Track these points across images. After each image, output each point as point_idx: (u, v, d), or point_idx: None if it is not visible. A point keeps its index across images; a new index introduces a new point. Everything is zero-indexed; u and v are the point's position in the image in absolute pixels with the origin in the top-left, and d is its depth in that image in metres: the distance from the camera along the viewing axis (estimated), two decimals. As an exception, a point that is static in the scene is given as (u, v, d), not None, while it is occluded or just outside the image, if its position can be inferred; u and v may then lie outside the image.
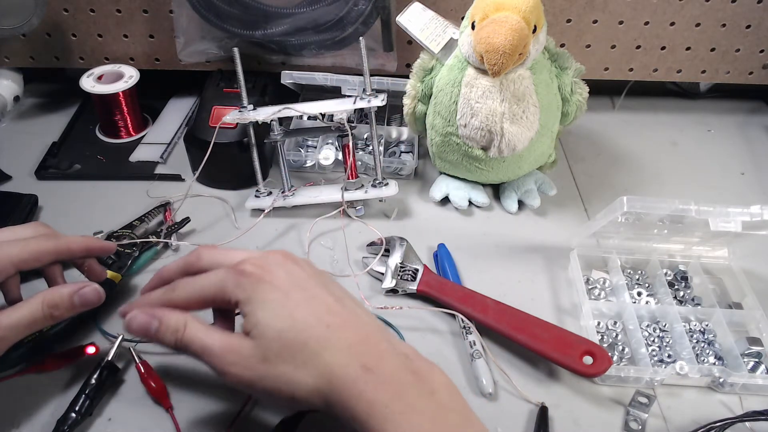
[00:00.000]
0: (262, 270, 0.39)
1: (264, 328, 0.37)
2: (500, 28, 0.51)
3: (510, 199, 0.66)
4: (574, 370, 0.48)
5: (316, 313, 0.38)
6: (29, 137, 0.75)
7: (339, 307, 0.39)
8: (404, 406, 0.35)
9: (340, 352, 0.36)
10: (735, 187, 0.73)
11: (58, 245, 0.45)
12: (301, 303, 0.38)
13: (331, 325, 0.37)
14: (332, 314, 0.38)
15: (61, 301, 0.43)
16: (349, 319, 0.38)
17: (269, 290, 0.38)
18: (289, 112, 0.61)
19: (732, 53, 0.77)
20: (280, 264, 0.40)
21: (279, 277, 0.39)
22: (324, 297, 0.39)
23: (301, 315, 0.37)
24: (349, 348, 0.36)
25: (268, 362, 0.37)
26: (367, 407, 0.35)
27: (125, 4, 0.72)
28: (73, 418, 0.44)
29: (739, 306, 0.57)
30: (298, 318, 0.37)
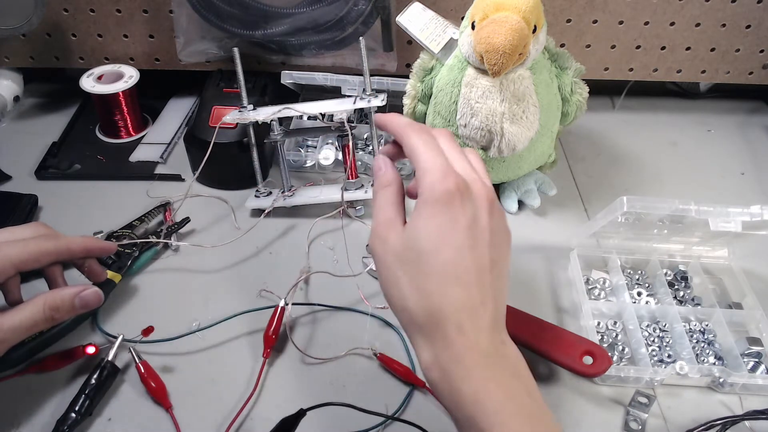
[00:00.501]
0: (462, 195, 0.39)
1: (415, 238, 0.39)
2: (500, 28, 0.51)
3: (510, 199, 0.66)
4: (574, 370, 0.48)
5: (457, 263, 0.38)
6: (29, 137, 0.75)
7: (484, 269, 0.40)
8: (486, 376, 0.37)
9: (450, 305, 0.38)
10: (735, 187, 0.73)
11: (58, 246, 0.45)
12: (453, 247, 0.39)
13: (460, 280, 0.38)
14: (470, 273, 0.39)
15: (62, 304, 0.44)
16: (479, 284, 0.39)
17: (447, 212, 0.39)
18: (289, 112, 0.61)
19: (732, 53, 0.77)
20: (479, 204, 0.40)
21: (464, 213, 0.39)
22: (480, 255, 0.40)
23: (445, 256, 0.38)
24: (461, 307, 0.38)
25: (398, 260, 0.39)
26: (448, 361, 0.37)
27: (125, 4, 0.72)
28: (73, 418, 0.44)
29: (739, 306, 0.57)
30: (441, 255, 0.38)
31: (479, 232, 0.40)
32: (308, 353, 0.52)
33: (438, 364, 0.38)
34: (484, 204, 0.41)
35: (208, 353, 0.52)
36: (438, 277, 0.38)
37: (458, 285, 0.39)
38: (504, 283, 0.42)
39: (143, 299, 0.56)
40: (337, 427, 0.46)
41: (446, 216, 0.39)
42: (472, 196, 0.40)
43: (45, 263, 0.45)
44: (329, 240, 0.62)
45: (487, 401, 0.36)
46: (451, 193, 0.39)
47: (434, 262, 0.38)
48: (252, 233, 0.61)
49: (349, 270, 0.58)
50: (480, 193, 0.41)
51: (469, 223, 0.39)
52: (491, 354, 0.38)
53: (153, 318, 0.53)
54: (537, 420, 0.37)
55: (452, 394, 0.37)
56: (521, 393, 0.38)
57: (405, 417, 0.47)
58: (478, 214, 0.40)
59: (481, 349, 0.38)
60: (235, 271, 0.59)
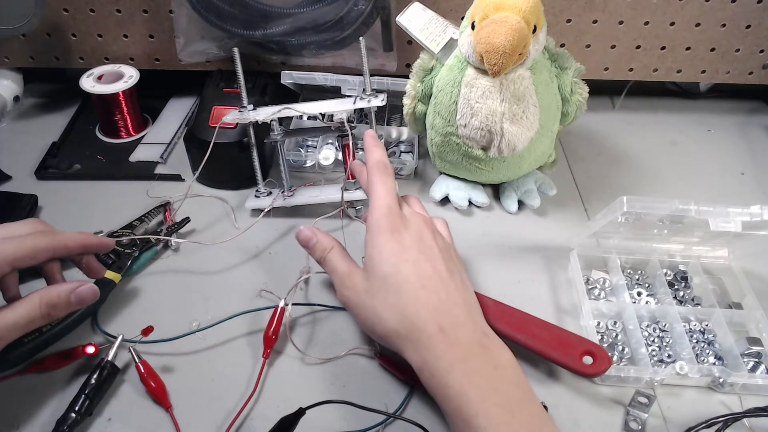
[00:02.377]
0: (404, 224, 0.47)
1: (375, 268, 0.45)
2: (500, 28, 0.51)
3: (510, 199, 0.66)
4: (574, 370, 0.48)
5: (418, 274, 0.44)
6: (29, 137, 0.75)
7: (443, 276, 0.45)
8: (468, 368, 0.40)
9: (425, 310, 0.43)
10: (735, 187, 0.73)
11: (54, 242, 0.45)
12: (410, 261, 0.45)
13: (426, 287, 0.43)
14: (432, 279, 0.44)
15: (59, 301, 0.43)
16: (445, 288, 0.44)
17: (394, 237, 0.46)
18: (289, 112, 0.61)
19: (732, 53, 0.77)
20: (420, 228, 0.47)
21: (409, 235, 0.46)
22: (435, 265, 0.45)
23: (406, 271, 0.44)
24: (434, 310, 0.43)
25: (369, 294, 0.45)
26: (434, 359, 0.41)
27: (125, 4, 0.72)
28: (73, 418, 0.44)
29: (739, 306, 0.57)
30: (402, 271, 0.44)
31: (427, 248, 0.46)
32: (308, 353, 0.52)
33: (426, 365, 0.41)
34: (425, 228, 0.48)
35: (208, 353, 0.52)
36: (406, 290, 0.43)
37: (426, 291, 0.43)
38: (469, 291, 0.47)
39: (143, 299, 0.56)
40: (337, 426, 0.46)
41: (394, 240, 0.45)
42: (412, 224, 0.47)
43: (41, 260, 0.45)
44: (329, 240, 0.62)
45: (471, 392, 0.39)
46: (394, 223, 0.46)
47: (398, 279, 0.44)
48: (252, 233, 0.61)
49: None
50: (418, 221, 0.48)
51: (415, 242, 0.46)
52: (473, 347, 0.42)
53: (153, 318, 0.53)
54: (521, 408, 0.40)
55: (440, 388, 0.40)
56: (505, 382, 0.40)
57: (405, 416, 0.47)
58: (422, 235, 0.47)
59: (463, 343, 0.42)
60: (235, 272, 0.59)
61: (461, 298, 0.45)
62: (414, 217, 0.48)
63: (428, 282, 0.44)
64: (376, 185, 0.49)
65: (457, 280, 0.46)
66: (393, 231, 0.46)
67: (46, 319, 0.43)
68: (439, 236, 0.49)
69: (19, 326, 0.42)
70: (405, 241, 0.46)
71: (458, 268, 0.48)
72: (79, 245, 0.47)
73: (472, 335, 0.42)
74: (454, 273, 0.46)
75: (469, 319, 0.44)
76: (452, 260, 0.48)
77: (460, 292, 0.45)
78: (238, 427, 0.46)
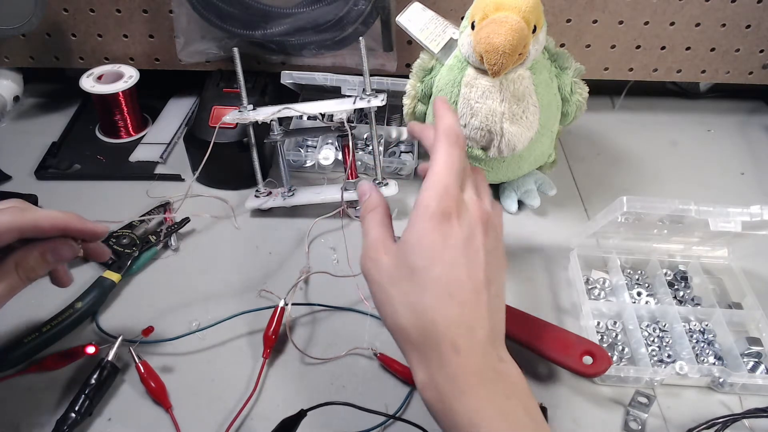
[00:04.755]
0: (458, 214, 0.40)
1: (407, 254, 0.39)
2: (500, 28, 0.51)
3: (510, 199, 0.66)
4: (574, 370, 0.48)
5: (450, 278, 0.38)
6: (29, 137, 0.75)
7: (478, 287, 0.39)
8: (481, 397, 0.36)
9: (444, 321, 0.37)
10: (735, 187, 0.73)
11: (20, 220, 0.40)
12: (447, 263, 0.38)
13: (453, 296, 0.38)
14: (464, 289, 0.38)
15: (35, 263, 0.42)
16: (474, 301, 0.39)
17: (441, 228, 0.39)
18: (289, 112, 0.61)
19: (732, 53, 0.77)
20: (474, 224, 0.40)
21: (459, 231, 0.39)
22: (473, 272, 0.39)
23: (438, 272, 0.38)
24: (454, 323, 0.37)
25: (391, 278, 0.39)
26: (443, 380, 0.37)
27: (125, 4, 0.72)
28: (73, 418, 0.44)
29: (738, 306, 0.57)
30: (433, 271, 0.38)
31: (473, 251, 0.40)
32: (308, 353, 0.52)
33: (433, 384, 0.37)
34: (479, 225, 0.41)
35: (208, 353, 0.52)
36: (431, 293, 0.38)
37: (451, 301, 0.38)
38: (501, 304, 0.42)
39: (143, 299, 0.56)
40: (337, 427, 0.46)
41: (440, 232, 0.39)
42: (468, 216, 0.40)
43: (7, 241, 0.40)
44: (329, 240, 0.62)
45: (482, 422, 0.36)
46: (446, 211, 0.39)
47: (426, 277, 0.38)
48: (252, 233, 0.61)
49: (349, 270, 0.58)
50: (476, 215, 0.41)
51: (463, 241, 0.39)
52: (487, 373, 0.37)
53: (153, 318, 0.53)
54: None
55: (447, 413, 0.37)
56: (518, 413, 0.37)
57: (406, 417, 0.47)
58: (473, 233, 0.40)
59: (477, 368, 0.37)
60: (235, 271, 0.59)
61: (487, 315, 0.39)
62: (472, 208, 0.41)
63: (457, 291, 0.38)
64: (439, 157, 0.41)
65: (491, 292, 0.40)
66: (442, 219, 0.39)
67: (27, 282, 0.42)
68: (492, 234, 0.42)
69: (1, 296, 0.40)
70: (451, 235, 0.39)
71: (498, 275, 0.42)
72: (54, 226, 0.41)
73: (487, 360, 0.38)
74: (491, 283, 0.40)
75: (488, 342, 0.39)
76: (495, 265, 0.41)
77: (488, 308, 0.39)
78: (238, 427, 0.46)
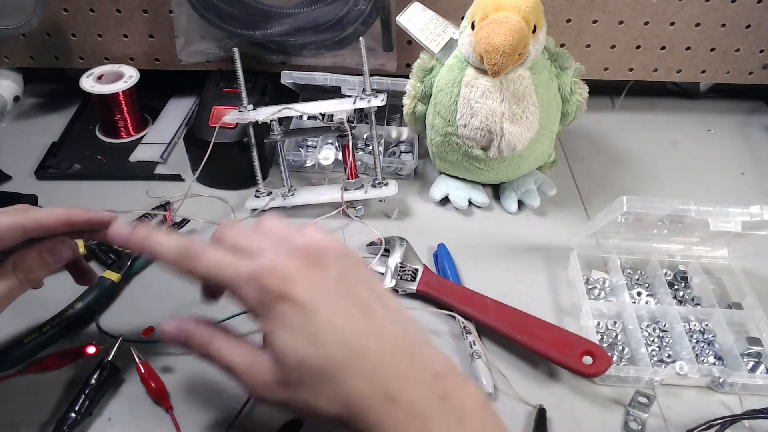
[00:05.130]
0: (283, 282, 0.35)
1: (284, 354, 0.34)
2: (500, 28, 0.51)
3: (510, 199, 0.66)
4: (574, 370, 0.48)
5: (338, 338, 0.34)
6: (29, 137, 0.75)
7: (365, 322, 0.35)
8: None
9: (363, 380, 0.34)
10: (735, 187, 0.73)
11: (22, 220, 0.39)
12: (322, 327, 0.34)
13: (354, 349, 0.34)
14: (357, 334, 0.35)
15: (34, 264, 0.41)
16: (374, 337, 0.35)
17: (290, 310, 0.34)
18: (289, 112, 0.61)
19: (732, 53, 0.77)
20: (305, 273, 0.36)
21: (301, 291, 0.35)
22: (350, 311, 0.35)
23: (322, 341, 0.34)
24: (372, 374, 0.34)
25: (290, 388, 0.35)
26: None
27: (125, 4, 0.72)
28: (73, 418, 0.44)
29: (738, 306, 0.57)
30: (319, 345, 0.34)
31: (330, 291, 0.35)
32: (308, 353, 0.51)
33: None
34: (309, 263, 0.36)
35: (208, 353, 0.51)
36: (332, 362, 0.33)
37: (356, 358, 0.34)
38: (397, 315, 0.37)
39: (143, 299, 0.56)
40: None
41: (289, 317, 0.34)
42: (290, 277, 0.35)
43: (11, 241, 0.39)
44: (329, 240, 0.62)
45: None
46: (265, 291, 0.35)
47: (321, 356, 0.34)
48: (252, 233, 0.61)
49: (349, 270, 0.58)
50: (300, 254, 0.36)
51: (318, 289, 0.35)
52: (431, 406, 0.34)
53: (153, 318, 0.53)
54: None
55: None
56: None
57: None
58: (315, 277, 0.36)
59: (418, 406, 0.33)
60: (235, 271, 0.59)
61: (395, 337, 0.35)
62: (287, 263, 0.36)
63: (354, 340, 0.34)
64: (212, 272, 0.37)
65: (378, 312, 0.36)
66: (280, 298, 0.34)
67: (26, 284, 0.41)
68: (328, 260, 0.37)
69: (1, 299, 0.40)
70: (302, 302, 0.34)
71: (369, 288, 0.37)
72: (58, 221, 0.40)
73: (427, 388, 0.34)
74: (371, 304, 0.36)
75: (416, 365, 0.35)
76: (359, 284, 0.37)
77: (390, 330, 0.36)
78: (238, 428, 0.46)
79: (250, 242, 0.38)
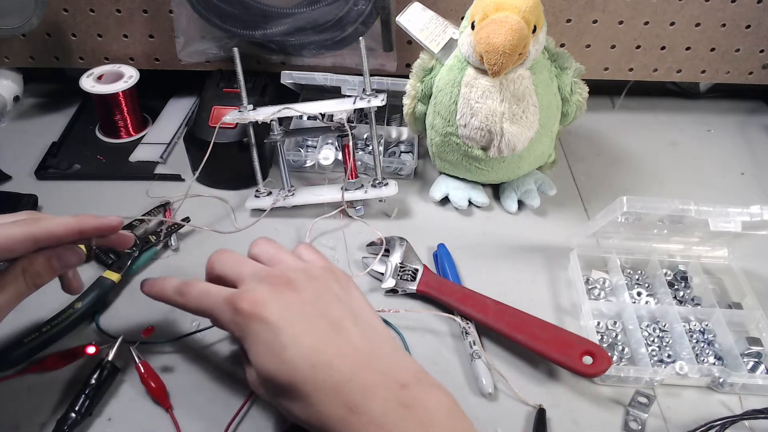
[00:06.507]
0: (255, 307, 0.39)
1: (258, 369, 0.39)
2: (500, 28, 0.51)
3: (510, 199, 0.66)
4: (573, 370, 0.48)
5: (302, 353, 0.37)
6: (29, 137, 0.75)
7: (332, 337, 0.38)
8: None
9: (326, 393, 0.36)
10: (735, 187, 0.73)
11: (34, 230, 0.40)
12: (288, 343, 0.37)
13: (317, 365, 0.36)
14: (320, 351, 0.37)
15: (42, 269, 0.42)
16: (340, 351, 0.37)
17: (260, 329, 0.38)
18: (289, 112, 0.61)
19: (732, 53, 0.77)
20: (277, 296, 0.40)
21: (272, 313, 0.38)
22: (317, 329, 0.38)
23: (287, 356, 0.37)
24: (336, 388, 0.36)
25: (270, 392, 0.40)
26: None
27: (125, 4, 0.72)
28: (73, 418, 0.44)
29: (738, 306, 0.57)
30: (285, 360, 0.37)
31: (297, 311, 0.39)
32: (308, 353, 0.51)
33: None
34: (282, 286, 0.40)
35: (208, 353, 0.51)
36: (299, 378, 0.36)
37: (317, 370, 0.36)
38: (369, 326, 0.40)
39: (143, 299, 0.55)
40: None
41: (259, 335, 0.38)
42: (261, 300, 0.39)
43: (21, 251, 0.40)
44: (329, 240, 0.62)
45: None
46: (239, 314, 0.39)
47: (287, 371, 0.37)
48: (252, 233, 0.61)
49: (348, 270, 0.58)
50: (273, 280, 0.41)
51: (288, 310, 0.39)
52: (394, 413, 0.35)
53: (153, 318, 0.53)
54: None
55: None
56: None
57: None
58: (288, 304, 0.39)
59: (380, 414, 0.35)
60: (235, 271, 0.59)
61: (361, 351, 0.38)
62: (262, 287, 0.40)
63: (317, 357, 0.37)
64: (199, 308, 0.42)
65: (347, 327, 0.39)
66: (252, 319, 0.38)
67: (33, 288, 0.42)
68: (302, 283, 0.41)
69: (8, 302, 0.41)
70: (273, 322, 0.38)
71: (341, 304, 0.40)
72: (69, 231, 0.41)
73: (391, 398, 0.35)
74: (341, 320, 0.39)
75: (380, 376, 0.36)
76: (331, 301, 0.40)
77: (358, 344, 0.38)
78: (238, 427, 0.46)
79: (232, 271, 0.43)
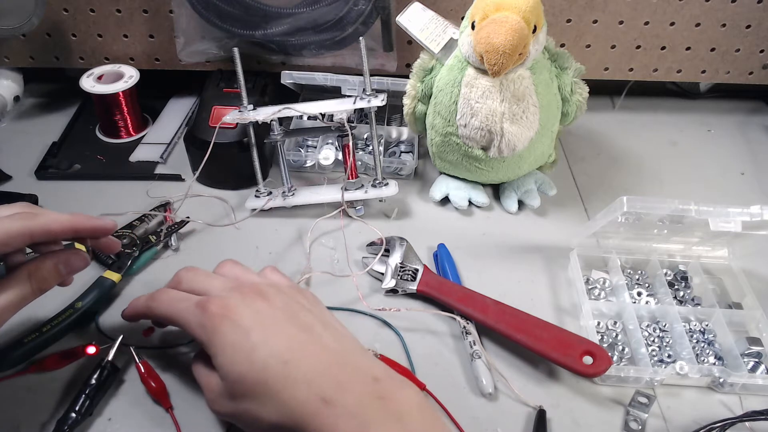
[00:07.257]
0: (225, 310, 0.39)
1: (226, 372, 0.38)
2: (500, 28, 0.51)
3: (510, 199, 0.66)
4: (574, 370, 0.48)
5: (274, 351, 0.38)
6: (29, 137, 0.75)
7: (303, 338, 0.39)
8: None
9: (299, 387, 0.36)
10: (735, 187, 0.73)
11: (30, 226, 0.40)
12: (259, 343, 0.38)
13: (289, 361, 0.37)
14: (292, 349, 0.38)
15: (48, 275, 0.42)
16: (311, 350, 0.38)
17: (229, 330, 0.39)
18: (289, 112, 0.61)
19: (732, 53, 0.77)
20: (247, 302, 0.40)
21: (242, 317, 0.39)
22: (287, 331, 0.39)
23: (258, 356, 0.37)
24: (309, 381, 0.36)
25: (236, 400, 0.38)
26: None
27: (125, 4, 0.72)
28: (73, 418, 0.44)
29: (739, 306, 0.57)
30: (255, 360, 0.37)
31: (268, 317, 0.40)
32: (308, 353, 0.51)
33: None
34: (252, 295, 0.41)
35: (208, 353, 0.51)
36: (270, 378, 0.37)
37: (290, 366, 0.37)
38: (335, 330, 0.41)
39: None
40: None
41: (228, 336, 0.38)
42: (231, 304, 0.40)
43: (17, 246, 0.40)
44: (329, 240, 0.62)
45: None
46: (208, 316, 0.39)
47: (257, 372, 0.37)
48: (252, 233, 0.61)
49: (348, 270, 0.58)
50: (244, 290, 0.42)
51: (256, 316, 0.39)
52: (368, 406, 0.35)
53: (153, 318, 0.53)
54: None
55: None
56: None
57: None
58: (255, 306, 0.40)
59: (354, 406, 0.35)
60: (235, 271, 0.59)
61: (333, 349, 0.39)
62: (231, 296, 0.41)
63: (289, 354, 0.37)
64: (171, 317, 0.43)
65: (318, 331, 0.40)
66: (222, 321, 0.39)
67: (38, 293, 0.42)
68: (273, 294, 0.42)
69: (13, 305, 0.40)
70: (242, 324, 0.39)
71: (311, 313, 0.42)
72: (65, 228, 0.42)
73: (362, 389, 0.36)
74: (312, 325, 0.40)
75: (353, 370, 0.37)
76: (301, 310, 0.41)
77: (329, 343, 0.39)
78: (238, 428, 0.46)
79: (201, 283, 0.44)
